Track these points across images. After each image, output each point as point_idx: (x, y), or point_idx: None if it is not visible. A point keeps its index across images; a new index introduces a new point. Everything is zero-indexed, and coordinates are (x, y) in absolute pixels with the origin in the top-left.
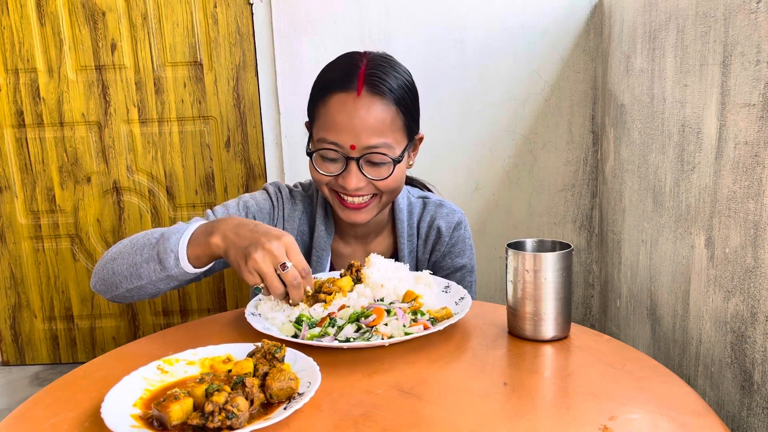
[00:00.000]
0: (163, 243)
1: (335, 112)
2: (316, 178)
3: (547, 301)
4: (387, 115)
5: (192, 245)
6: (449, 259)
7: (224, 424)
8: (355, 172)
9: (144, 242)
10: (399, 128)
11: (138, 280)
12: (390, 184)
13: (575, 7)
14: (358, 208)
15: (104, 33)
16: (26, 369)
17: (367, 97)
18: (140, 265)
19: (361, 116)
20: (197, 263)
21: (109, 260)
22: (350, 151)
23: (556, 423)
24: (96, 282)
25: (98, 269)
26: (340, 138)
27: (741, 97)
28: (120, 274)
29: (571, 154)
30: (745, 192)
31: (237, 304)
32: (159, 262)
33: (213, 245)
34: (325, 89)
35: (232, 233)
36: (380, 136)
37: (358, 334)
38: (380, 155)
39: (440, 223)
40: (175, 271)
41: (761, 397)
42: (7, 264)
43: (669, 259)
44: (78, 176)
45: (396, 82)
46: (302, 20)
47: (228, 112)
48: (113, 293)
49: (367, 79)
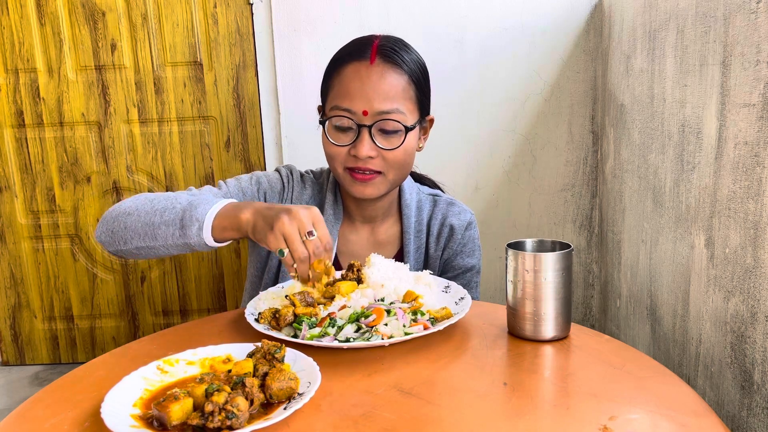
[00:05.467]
0: (189, 211)
1: (348, 80)
2: (330, 152)
3: (547, 301)
4: (399, 83)
5: (219, 218)
6: (460, 259)
7: (224, 424)
8: (367, 140)
9: (166, 205)
10: (411, 98)
11: (152, 240)
12: (399, 156)
13: (575, 7)
14: (366, 179)
15: (104, 33)
16: (26, 369)
17: (380, 65)
18: (158, 226)
19: (374, 82)
20: (219, 236)
21: (122, 213)
22: (363, 117)
23: (556, 423)
24: (102, 233)
25: (108, 220)
26: (353, 104)
27: (741, 97)
28: (133, 230)
29: (571, 154)
30: (745, 192)
31: (237, 304)
32: (181, 228)
33: (242, 220)
34: (339, 61)
35: (263, 208)
36: (392, 101)
37: (358, 334)
38: (392, 122)
39: (453, 221)
40: (194, 240)
41: (761, 397)
42: (7, 264)
43: (669, 259)
44: (78, 176)
45: (408, 56)
46: (302, 20)
47: (228, 112)
48: (119, 247)
49: (380, 49)
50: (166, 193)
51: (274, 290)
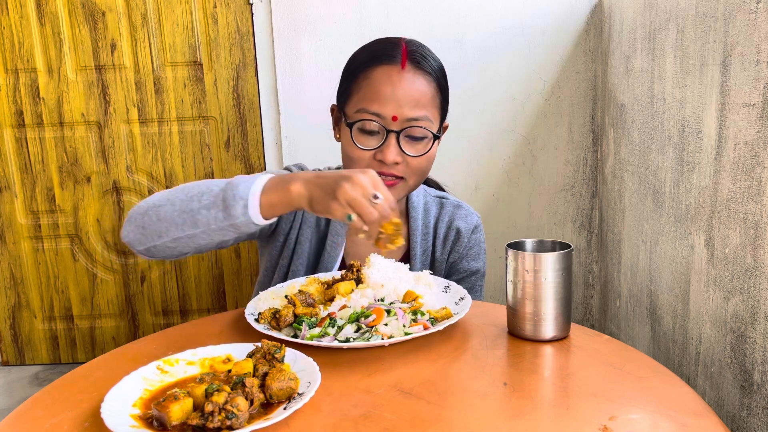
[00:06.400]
0: (231, 190)
1: (379, 83)
2: (354, 155)
3: (547, 301)
4: (428, 90)
5: (267, 193)
6: (465, 262)
7: (224, 424)
8: (394, 145)
9: (202, 189)
10: (437, 106)
11: (192, 227)
12: (423, 163)
13: (575, 7)
14: (389, 185)
15: (104, 33)
16: (26, 369)
17: (411, 71)
18: (198, 211)
19: (405, 88)
20: (268, 213)
21: (152, 207)
22: (391, 123)
23: (556, 423)
24: (131, 231)
25: (135, 216)
26: (383, 109)
27: (741, 97)
28: (169, 221)
29: (571, 154)
30: (745, 192)
31: (237, 304)
32: (224, 209)
33: (294, 192)
34: (368, 62)
35: (313, 178)
36: (422, 109)
37: (358, 334)
38: (421, 129)
39: (460, 224)
40: (241, 219)
41: (761, 397)
42: (7, 264)
43: (669, 259)
44: (78, 176)
45: (435, 63)
46: (302, 20)
47: (228, 112)
48: (153, 243)
49: (410, 55)
50: (197, 182)
51: (274, 290)
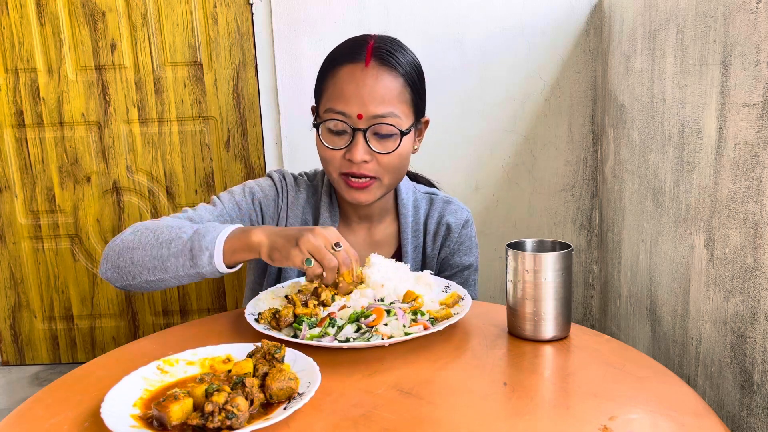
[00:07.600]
0: (198, 240)
1: (343, 82)
2: (325, 156)
3: (547, 301)
4: (394, 86)
5: (229, 240)
6: (457, 257)
7: (224, 424)
8: (362, 144)
9: (171, 236)
10: (406, 101)
11: (162, 273)
12: (395, 160)
13: (575, 7)
14: (361, 187)
15: (104, 33)
16: (26, 369)
17: (375, 67)
18: (167, 258)
19: (369, 85)
20: (231, 261)
21: (126, 249)
22: (357, 121)
23: (556, 423)
24: (108, 269)
25: (111, 256)
26: (347, 107)
27: (741, 97)
28: (141, 265)
29: (571, 154)
30: (745, 192)
31: (237, 304)
32: (191, 258)
33: (253, 240)
34: (333, 62)
35: (277, 230)
36: (387, 105)
37: (358, 334)
38: (387, 126)
39: (450, 220)
40: (207, 269)
41: (761, 397)
42: (7, 264)
43: (669, 259)
44: (78, 176)
45: (404, 58)
46: (302, 20)
47: (228, 112)
48: (128, 282)
49: (375, 51)
50: (167, 222)
51: (274, 290)
